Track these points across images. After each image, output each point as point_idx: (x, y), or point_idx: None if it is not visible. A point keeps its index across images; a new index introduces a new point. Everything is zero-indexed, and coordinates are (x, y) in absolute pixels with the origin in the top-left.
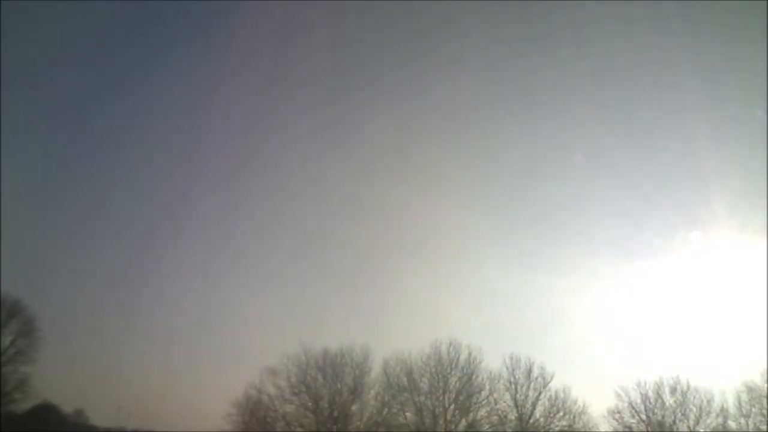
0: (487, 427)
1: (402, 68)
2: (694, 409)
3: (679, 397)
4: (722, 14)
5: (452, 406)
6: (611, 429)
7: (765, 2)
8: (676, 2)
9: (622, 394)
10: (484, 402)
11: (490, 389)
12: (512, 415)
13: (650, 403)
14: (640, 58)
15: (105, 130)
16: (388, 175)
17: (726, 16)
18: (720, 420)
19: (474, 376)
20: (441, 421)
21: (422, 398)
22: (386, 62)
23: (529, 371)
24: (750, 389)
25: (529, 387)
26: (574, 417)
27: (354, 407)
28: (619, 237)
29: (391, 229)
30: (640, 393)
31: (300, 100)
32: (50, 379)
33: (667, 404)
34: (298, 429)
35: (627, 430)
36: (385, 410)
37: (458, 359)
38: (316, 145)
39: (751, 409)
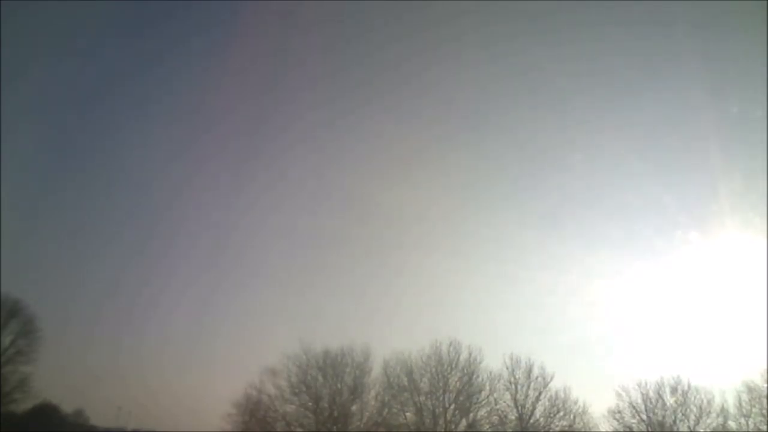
0: (488, 427)
1: (401, 66)
2: (695, 409)
3: (680, 397)
4: (724, 14)
5: (452, 406)
6: (611, 429)
7: (765, 2)
8: (679, 2)
9: (623, 394)
10: (484, 402)
11: (490, 389)
12: (512, 415)
13: (651, 403)
14: (642, 56)
15: (105, 130)
16: (387, 174)
17: (727, 17)
18: (720, 420)
19: (474, 376)
20: (441, 421)
21: (422, 398)
22: (386, 60)
23: (530, 371)
24: (750, 389)
25: (529, 387)
26: (575, 417)
27: (354, 407)
28: (619, 235)
29: (392, 228)
30: (641, 393)
31: (300, 99)
32: (50, 379)
33: (668, 404)
34: (298, 429)
35: (627, 430)
36: (386, 410)
37: (458, 359)
38: (315, 144)
39: (751, 409)
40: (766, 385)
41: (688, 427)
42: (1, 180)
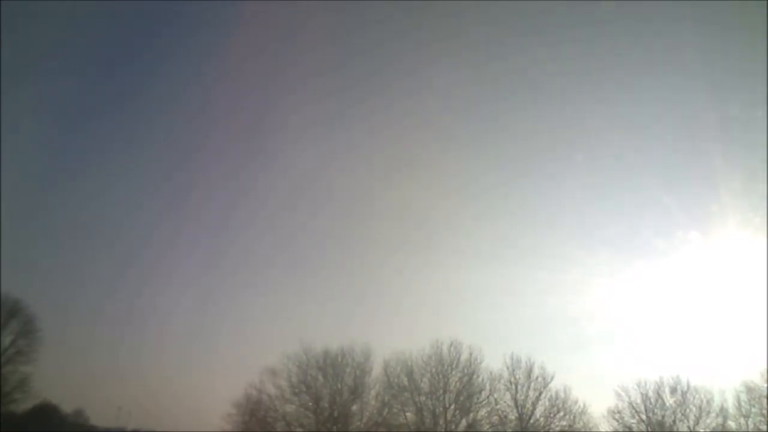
0: (488, 427)
1: (402, 64)
2: (694, 409)
3: (679, 397)
4: (724, 14)
5: (453, 406)
6: (611, 429)
7: (765, 2)
8: (680, 2)
9: (623, 394)
10: (484, 402)
11: (490, 389)
12: (512, 415)
13: (650, 403)
14: (642, 56)
15: (105, 130)
16: (387, 174)
17: (727, 17)
18: (720, 420)
19: (474, 376)
20: (441, 421)
21: (423, 398)
22: (386, 59)
23: (530, 371)
24: (750, 389)
25: (529, 387)
26: (575, 417)
27: (354, 407)
28: (619, 235)
29: (392, 227)
30: (641, 393)
31: (300, 99)
32: (50, 379)
33: (667, 404)
34: (299, 429)
35: (627, 430)
36: (386, 410)
37: (459, 359)
38: (315, 144)
39: (750, 409)
40: (765, 385)
41: (688, 427)
42: (1, 180)
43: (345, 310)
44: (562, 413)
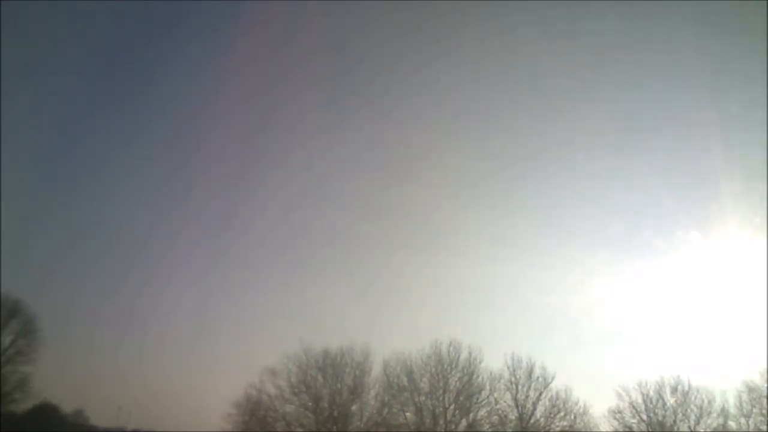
0: (488, 427)
1: (403, 65)
2: (695, 409)
3: (680, 397)
4: (724, 14)
5: (452, 406)
6: (612, 429)
7: (765, 2)
8: (679, 2)
9: (623, 394)
10: (484, 402)
11: (490, 389)
12: (513, 415)
13: (651, 403)
14: (642, 56)
15: (105, 131)
16: (387, 174)
17: (727, 17)
18: (721, 420)
19: (474, 376)
20: (441, 421)
21: (422, 398)
22: (388, 59)
23: (530, 371)
24: (750, 389)
25: (529, 387)
26: (575, 417)
27: (354, 407)
28: (619, 235)
29: (392, 228)
30: (641, 393)
31: (302, 99)
32: (50, 379)
33: (668, 404)
34: (298, 429)
35: (627, 430)
36: (386, 410)
37: (458, 359)
38: (317, 145)
39: (751, 410)
40: (766, 385)
41: (689, 427)
42: (1, 180)
43: (345, 310)
44: (562, 413)
